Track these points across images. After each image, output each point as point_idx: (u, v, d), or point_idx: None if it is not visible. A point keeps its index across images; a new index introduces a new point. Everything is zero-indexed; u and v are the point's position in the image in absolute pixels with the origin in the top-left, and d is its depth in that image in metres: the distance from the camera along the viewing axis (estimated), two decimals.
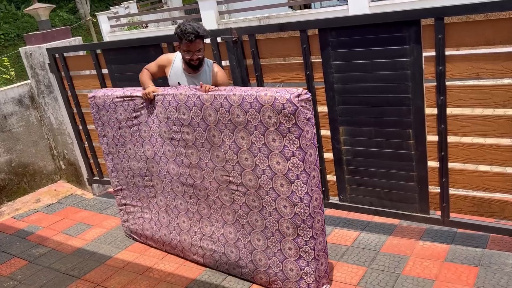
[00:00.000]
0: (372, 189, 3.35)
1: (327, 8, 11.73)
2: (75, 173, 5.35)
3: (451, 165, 3.05)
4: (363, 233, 3.52)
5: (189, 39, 2.94)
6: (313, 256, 2.75)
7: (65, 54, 4.67)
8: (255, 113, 2.64)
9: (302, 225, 2.70)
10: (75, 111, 4.88)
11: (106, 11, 16.61)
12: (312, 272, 2.78)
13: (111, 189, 5.30)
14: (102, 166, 5.00)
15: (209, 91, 2.84)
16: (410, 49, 2.86)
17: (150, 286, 3.31)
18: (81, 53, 4.89)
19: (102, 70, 4.42)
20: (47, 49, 4.74)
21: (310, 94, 2.58)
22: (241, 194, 2.90)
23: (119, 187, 3.80)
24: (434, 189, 3.16)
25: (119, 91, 3.41)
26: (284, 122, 2.55)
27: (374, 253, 3.25)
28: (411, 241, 3.31)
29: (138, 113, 3.31)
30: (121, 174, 3.70)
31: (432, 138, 3.03)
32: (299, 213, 2.68)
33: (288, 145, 2.59)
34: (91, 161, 5.04)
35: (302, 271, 2.80)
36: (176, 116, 3.04)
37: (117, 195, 3.87)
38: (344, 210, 3.64)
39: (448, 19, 2.77)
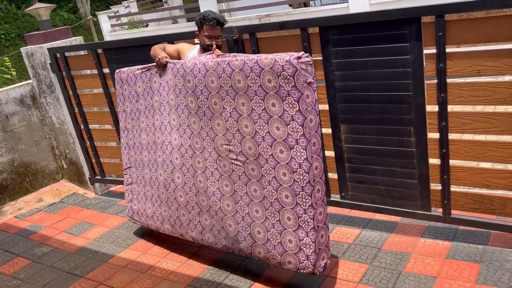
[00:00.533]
0: (374, 187, 3.35)
1: (328, 6, 11.73)
2: (77, 172, 5.36)
3: (452, 162, 3.06)
4: (364, 231, 3.53)
5: (211, 24, 3.14)
6: (312, 226, 2.69)
7: (66, 54, 4.68)
8: (255, 77, 2.63)
9: (301, 193, 2.66)
10: (76, 110, 4.89)
11: (107, 11, 16.61)
12: (311, 242, 2.71)
13: (113, 188, 5.32)
14: (104, 165, 5.01)
15: (218, 56, 2.89)
16: (411, 47, 2.86)
17: (153, 284, 3.33)
18: (82, 52, 4.89)
19: (103, 69, 4.43)
20: (48, 49, 4.75)
21: (311, 58, 2.57)
22: (240, 164, 2.87)
23: (128, 165, 3.80)
24: (436, 186, 3.16)
25: (141, 66, 3.49)
26: (283, 85, 2.54)
27: (375, 250, 3.26)
28: (412, 238, 3.32)
29: (152, 82, 3.35)
30: (132, 150, 3.71)
31: (433, 135, 3.03)
32: (298, 180, 2.64)
33: (288, 109, 2.57)
34: (93, 160, 5.06)
35: (301, 241, 2.74)
36: (182, 84, 3.06)
37: (125, 174, 3.87)
38: (345, 208, 3.65)
39: (448, 16, 2.77)
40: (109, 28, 15.46)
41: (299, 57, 2.50)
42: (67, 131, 5.13)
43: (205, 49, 3.22)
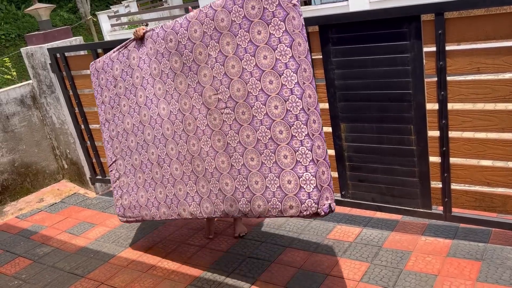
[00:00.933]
0: (374, 185, 3.36)
1: (328, 4, 11.72)
2: (78, 172, 5.37)
3: (452, 160, 3.06)
4: (365, 229, 3.53)
5: None
6: (311, 158, 2.53)
7: (66, 54, 4.69)
8: (239, 9, 2.59)
9: (295, 123, 2.55)
10: (77, 110, 4.89)
11: (107, 10, 16.62)
12: (311, 177, 2.54)
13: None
14: (104, 165, 5.01)
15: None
16: (411, 45, 2.86)
17: (154, 284, 3.33)
18: (82, 52, 4.90)
19: None
20: (48, 49, 4.75)
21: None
22: (230, 111, 2.79)
23: (114, 159, 3.66)
24: (436, 184, 3.16)
25: (117, 47, 3.43)
26: (267, 6, 2.50)
27: (376, 249, 3.26)
28: (413, 236, 3.32)
29: (131, 59, 3.27)
30: (116, 141, 3.58)
31: (433, 133, 3.03)
32: (291, 109, 2.54)
33: (274, 32, 2.52)
34: (94, 160, 5.06)
35: (301, 178, 2.56)
36: (164, 46, 3.01)
37: (111, 170, 3.72)
38: (346, 207, 3.65)
39: (448, 14, 2.77)
40: (109, 28, 15.47)
41: None
42: (68, 131, 5.13)
43: None
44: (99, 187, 5.26)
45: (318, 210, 2.56)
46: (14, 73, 11.27)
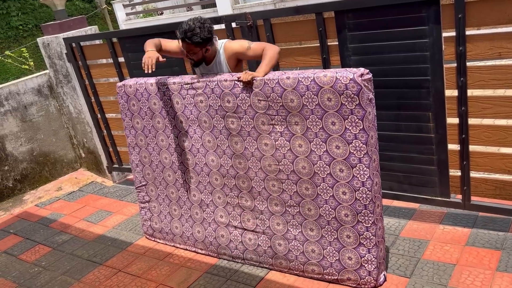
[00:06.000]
0: (392, 173, 3.31)
1: None
2: (95, 161, 5.42)
3: (472, 147, 3.00)
4: None
5: (177, 36, 2.83)
6: (374, 243, 2.67)
7: (82, 44, 4.70)
8: (312, 96, 2.55)
9: (363, 211, 2.62)
10: (93, 99, 4.92)
11: None
12: (373, 259, 2.70)
13: (130, 176, 5.37)
14: (121, 154, 5.05)
15: (249, 80, 2.70)
16: (430, 30, 2.79)
17: (171, 271, 3.36)
18: (97, 42, 4.91)
19: (119, 58, 4.44)
20: (64, 39, 4.77)
21: (372, 74, 2.49)
22: (291, 183, 2.82)
23: (144, 183, 3.64)
24: (455, 172, 3.11)
25: (153, 79, 3.26)
26: (346, 103, 2.47)
27: (393, 237, 3.23)
28: (431, 225, 3.28)
29: (174, 102, 3.17)
30: (148, 168, 3.55)
31: (453, 120, 2.97)
32: (361, 199, 2.60)
33: (350, 128, 2.51)
34: (110, 149, 5.10)
35: (362, 258, 2.72)
36: (219, 104, 2.93)
37: (140, 191, 3.70)
38: None
39: None
40: (124, 17, 15.48)
41: (362, 74, 2.43)
42: (84, 120, 5.18)
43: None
44: (116, 175, 5.31)
45: (376, 285, 2.78)
46: (32, 63, 11.38)
